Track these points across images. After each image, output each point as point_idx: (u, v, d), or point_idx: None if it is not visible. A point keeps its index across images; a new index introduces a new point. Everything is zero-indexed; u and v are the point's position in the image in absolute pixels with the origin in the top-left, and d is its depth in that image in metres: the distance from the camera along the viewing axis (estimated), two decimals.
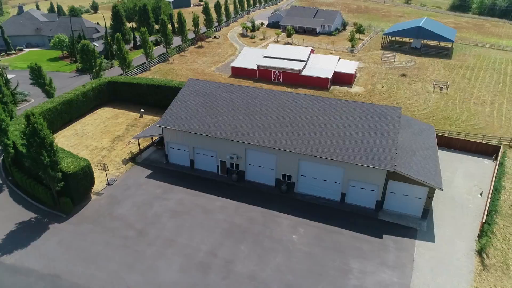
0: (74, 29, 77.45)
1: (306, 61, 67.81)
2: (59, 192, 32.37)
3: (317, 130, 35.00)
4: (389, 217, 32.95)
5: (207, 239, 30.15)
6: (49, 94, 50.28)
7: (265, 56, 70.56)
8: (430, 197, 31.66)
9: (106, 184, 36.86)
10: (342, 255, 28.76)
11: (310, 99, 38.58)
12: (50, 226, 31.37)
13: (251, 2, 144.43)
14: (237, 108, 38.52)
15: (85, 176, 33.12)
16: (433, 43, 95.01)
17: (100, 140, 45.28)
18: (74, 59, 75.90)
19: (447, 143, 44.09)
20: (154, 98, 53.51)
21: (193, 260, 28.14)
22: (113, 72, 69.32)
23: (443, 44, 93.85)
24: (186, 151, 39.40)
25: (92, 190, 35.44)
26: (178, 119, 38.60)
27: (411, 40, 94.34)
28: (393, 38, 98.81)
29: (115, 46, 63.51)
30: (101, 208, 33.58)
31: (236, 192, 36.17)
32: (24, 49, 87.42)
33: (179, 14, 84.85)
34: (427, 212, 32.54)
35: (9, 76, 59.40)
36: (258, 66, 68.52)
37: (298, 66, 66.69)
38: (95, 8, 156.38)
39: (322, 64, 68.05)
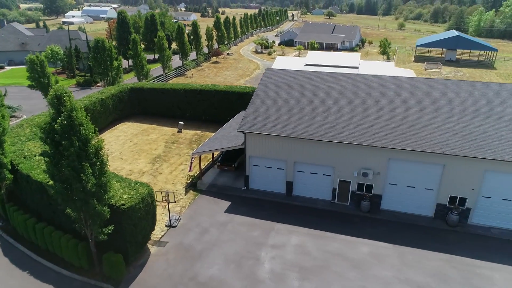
0: (72, 38, 63.97)
1: (358, 68, 57.14)
2: (101, 244, 17.99)
3: (503, 125, 22.80)
4: None
5: None
6: None
7: (307, 64, 59.32)
8: None
9: (166, 226, 22.61)
10: None
11: (463, 85, 26.66)
12: None
13: (254, 25, 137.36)
14: (358, 102, 26.01)
15: (146, 214, 18.93)
16: (465, 56, 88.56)
17: (134, 161, 31.13)
18: (72, 74, 61.94)
19: None
20: (194, 108, 40.26)
21: None
22: None
23: (477, 57, 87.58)
24: (280, 170, 25.99)
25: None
26: (268, 121, 25.50)
27: (441, 54, 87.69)
28: (420, 54, 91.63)
29: (130, 52, 50.40)
30: (173, 269, 19.17)
31: (378, 228, 22.76)
32: (5, 67, 72.61)
33: (194, 24, 73.49)
34: None
35: None
36: None
37: (351, 72, 55.60)
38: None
39: (378, 71, 57.29)
